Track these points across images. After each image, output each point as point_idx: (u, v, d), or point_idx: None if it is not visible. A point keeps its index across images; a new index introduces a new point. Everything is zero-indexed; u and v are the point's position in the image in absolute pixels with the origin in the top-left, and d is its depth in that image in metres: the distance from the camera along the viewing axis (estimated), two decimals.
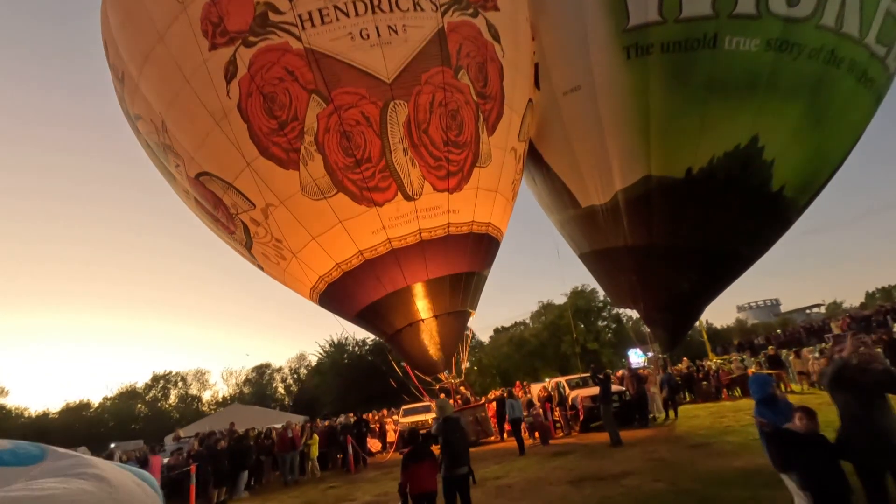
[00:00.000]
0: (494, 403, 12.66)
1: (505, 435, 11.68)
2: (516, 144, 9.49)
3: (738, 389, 14.47)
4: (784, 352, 17.50)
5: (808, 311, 71.45)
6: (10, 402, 41.01)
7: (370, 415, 16.59)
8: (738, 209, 10.26)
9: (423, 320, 8.92)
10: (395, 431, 13.70)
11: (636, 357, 31.59)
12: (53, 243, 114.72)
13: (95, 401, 43.39)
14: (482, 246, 9.22)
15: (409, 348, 9.34)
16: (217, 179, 8.65)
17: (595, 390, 10.47)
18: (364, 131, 7.47)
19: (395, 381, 12.35)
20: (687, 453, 6.66)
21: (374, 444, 13.27)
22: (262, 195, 8.27)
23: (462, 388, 12.92)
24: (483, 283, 10.21)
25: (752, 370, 14.75)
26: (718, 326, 60.44)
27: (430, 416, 12.94)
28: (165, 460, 11.11)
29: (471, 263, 9.12)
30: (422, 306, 8.84)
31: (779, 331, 37.19)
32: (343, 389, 34.54)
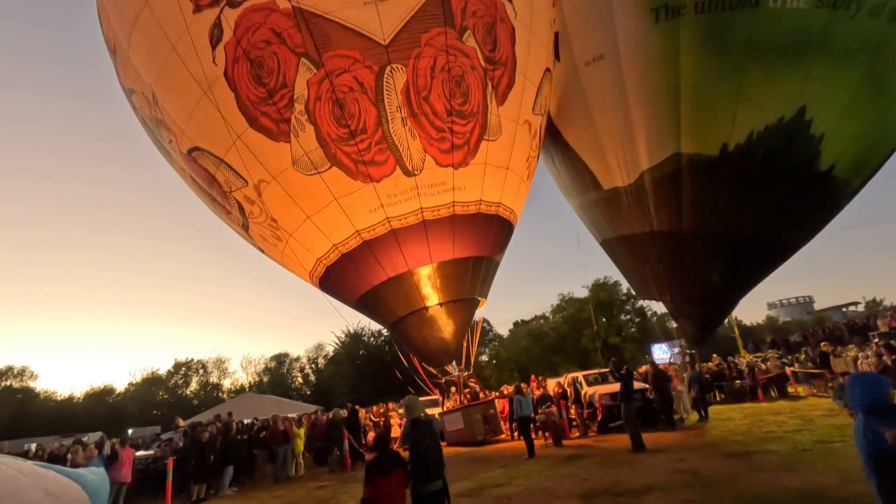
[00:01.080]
0: (507, 400, 11.93)
1: (516, 434, 10.93)
2: (531, 117, 8.63)
3: (775, 390, 13.33)
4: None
5: (844, 309, 67.65)
6: (40, 385, 42.64)
7: (375, 407, 16.06)
8: (780, 191, 9.17)
9: (426, 308, 8.24)
10: (400, 426, 13.10)
11: (661, 353, 30.27)
12: (88, 249, 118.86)
13: (122, 386, 45.00)
14: (492, 228, 8.44)
15: (413, 338, 8.70)
16: (208, 155, 8.13)
17: (615, 387, 9.62)
18: (358, 98, 6.77)
19: (402, 373, 11.76)
20: (724, 465, 5.62)
21: None
22: (254, 171, 7.71)
23: (471, 382, 12.22)
24: (494, 269, 9.44)
25: (791, 369, 13.58)
26: (748, 323, 57.86)
27: (437, 411, 12.29)
28: (151, 452, 10.79)
29: (479, 247, 8.36)
30: (425, 292, 8.15)
31: (813, 328, 35.08)
32: (357, 381, 34.30)
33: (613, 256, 12.21)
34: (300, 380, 48.93)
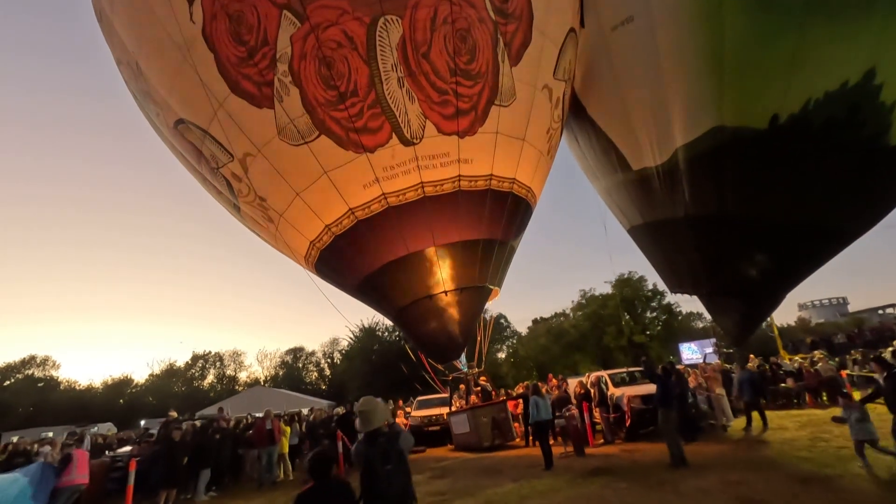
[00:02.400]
0: (520, 401, 10.93)
1: (531, 439, 9.92)
2: (552, 83, 7.59)
3: (825, 395, 11.91)
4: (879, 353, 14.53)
5: (880, 311, 64.06)
6: (62, 375, 43.66)
7: None
8: (841, 170, 7.94)
9: (429, 297, 7.33)
10: (405, 425, 12.21)
11: (689, 353, 28.65)
12: (113, 247, 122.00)
13: (141, 378, 45.82)
14: (505, 208, 7.47)
15: (415, 330, 7.82)
16: (193, 128, 7.41)
17: (646, 388, 8.55)
18: (348, 56, 5.90)
19: (409, 369, 10.94)
20: (800, 493, 4.38)
21: None
22: (239, 143, 6.95)
23: (482, 380, 11.27)
24: (509, 254, 8.45)
25: (846, 371, 12.18)
26: (778, 324, 55.17)
27: (445, 411, 11.39)
28: (129, 448, 10.15)
29: (490, 229, 7.39)
30: (428, 280, 7.25)
31: (859, 329, 32.76)
32: (370, 376, 33.50)
33: (642, 246, 11.08)
34: (315, 374, 48.85)
